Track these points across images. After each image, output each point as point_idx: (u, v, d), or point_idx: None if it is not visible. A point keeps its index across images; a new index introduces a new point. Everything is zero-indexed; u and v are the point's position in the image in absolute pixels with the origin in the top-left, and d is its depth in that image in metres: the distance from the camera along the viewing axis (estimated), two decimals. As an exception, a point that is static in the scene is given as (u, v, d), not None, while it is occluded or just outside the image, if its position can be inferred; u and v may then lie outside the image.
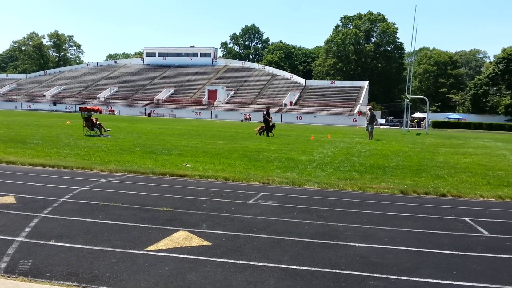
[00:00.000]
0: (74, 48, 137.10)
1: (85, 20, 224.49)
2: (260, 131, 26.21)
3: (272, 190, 8.77)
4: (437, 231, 6.17)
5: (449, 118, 78.23)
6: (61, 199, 7.20)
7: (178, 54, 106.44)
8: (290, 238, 5.52)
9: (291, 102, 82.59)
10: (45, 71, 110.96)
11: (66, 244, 4.96)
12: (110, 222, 5.96)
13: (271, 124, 26.32)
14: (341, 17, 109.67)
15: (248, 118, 73.43)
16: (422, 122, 72.23)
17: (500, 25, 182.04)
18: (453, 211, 7.46)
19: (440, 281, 4.25)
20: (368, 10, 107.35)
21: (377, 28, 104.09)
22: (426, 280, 4.28)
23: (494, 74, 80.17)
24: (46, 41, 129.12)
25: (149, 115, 79.77)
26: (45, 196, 7.41)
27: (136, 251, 4.80)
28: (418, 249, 5.26)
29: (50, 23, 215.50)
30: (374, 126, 28.17)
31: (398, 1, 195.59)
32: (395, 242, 5.54)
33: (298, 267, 4.50)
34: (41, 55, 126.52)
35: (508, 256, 5.15)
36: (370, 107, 31.52)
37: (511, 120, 74.71)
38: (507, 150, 21.93)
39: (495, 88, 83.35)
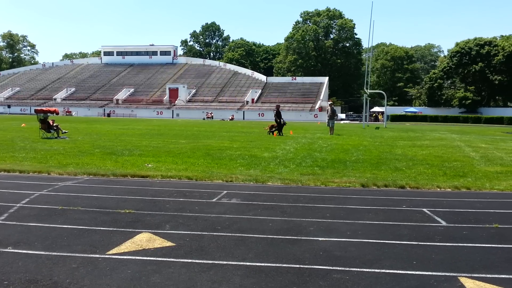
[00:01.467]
0: (29, 48, 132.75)
1: (39, 19, 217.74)
2: (272, 130, 25.61)
3: (235, 188, 8.77)
4: (397, 222, 6.33)
5: (406, 111, 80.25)
6: (18, 205, 6.96)
7: (137, 53, 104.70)
8: (255, 236, 5.54)
9: (253, 99, 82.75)
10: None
11: (24, 251, 4.80)
12: (69, 226, 5.80)
13: (282, 122, 25.76)
14: (300, 13, 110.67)
15: (210, 116, 73.10)
16: (379, 116, 73.82)
17: (453, 20, 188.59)
18: (412, 203, 7.67)
19: (400, 272, 4.37)
20: (326, 6, 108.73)
21: (335, 25, 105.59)
22: (387, 271, 4.38)
23: (448, 68, 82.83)
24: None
25: (109, 115, 78.12)
26: (0, 202, 7.13)
27: (97, 255, 4.69)
28: (379, 241, 5.38)
29: (3, 23, 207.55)
30: (335, 121, 28.58)
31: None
32: (357, 235, 5.65)
33: (262, 264, 4.52)
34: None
35: (465, 244, 5.33)
36: (331, 102, 31.96)
37: (465, 112, 77.42)
38: (462, 141, 22.73)
39: (449, 82, 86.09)
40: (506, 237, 5.65)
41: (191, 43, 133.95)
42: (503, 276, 4.30)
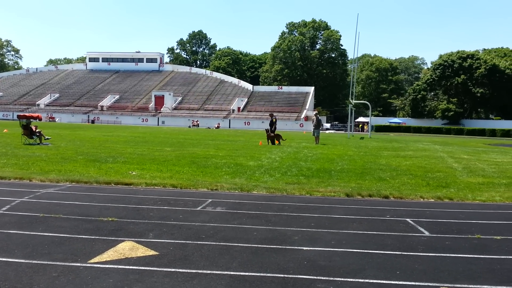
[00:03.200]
0: (12, 53, 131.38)
1: (24, 23, 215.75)
2: (273, 139, 24.83)
3: (220, 197, 8.72)
4: (381, 232, 6.35)
5: (390, 122, 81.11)
6: (-2, 212, 6.83)
7: (123, 60, 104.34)
8: (239, 245, 5.51)
9: (239, 108, 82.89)
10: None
11: (4, 259, 4.70)
12: (50, 234, 5.70)
13: (272, 134, 25.08)
14: (287, 23, 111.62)
15: (196, 124, 72.95)
16: (365, 127, 74.47)
17: (436, 33, 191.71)
18: (396, 212, 7.72)
19: (384, 282, 4.37)
20: (312, 18, 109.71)
21: (321, 35, 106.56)
22: (371, 281, 4.39)
23: (431, 80, 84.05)
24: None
25: (93, 122, 77.50)
26: (-21, 209, 6.99)
27: (79, 264, 4.62)
28: (363, 251, 5.39)
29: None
30: (320, 131, 28.72)
31: (341, 9, 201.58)
32: (342, 244, 5.66)
33: (247, 273, 4.49)
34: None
35: (448, 254, 5.37)
36: (316, 112, 32.13)
37: (448, 123, 78.50)
38: (445, 152, 23.00)
39: (432, 93, 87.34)
40: (488, 248, 5.71)
41: (178, 50, 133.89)
42: (485, 286, 4.34)
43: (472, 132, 69.23)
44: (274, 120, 25.78)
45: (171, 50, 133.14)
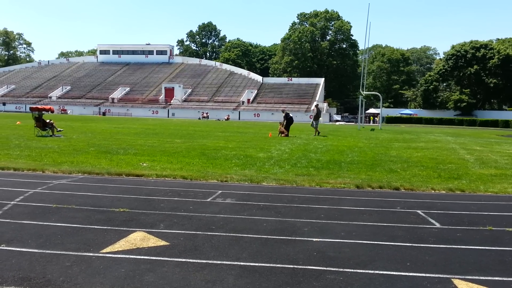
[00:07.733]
0: (24, 46, 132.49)
1: (36, 17, 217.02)
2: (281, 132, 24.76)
3: (230, 188, 8.76)
4: (391, 223, 6.34)
5: (401, 113, 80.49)
6: (12, 202, 6.92)
7: (134, 52, 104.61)
8: (249, 235, 5.53)
9: (248, 100, 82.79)
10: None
11: (18, 249, 4.78)
12: (63, 224, 5.78)
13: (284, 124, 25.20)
14: (297, 14, 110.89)
15: (205, 116, 73.05)
16: (376, 118, 73.99)
17: (449, 23, 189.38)
18: (406, 204, 7.69)
19: (394, 273, 4.37)
20: (325, 8, 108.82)
21: (332, 26, 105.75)
22: (381, 272, 4.39)
23: (444, 70, 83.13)
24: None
25: (104, 114, 77.92)
26: (-7, 199, 7.09)
27: (91, 254, 4.68)
28: (373, 242, 5.39)
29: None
30: (319, 122, 28.48)
31: None
32: (351, 236, 5.66)
33: (256, 264, 4.51)
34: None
35: (459, 246, 5.35)
36: (316, 103, 32.00)
37: (460, 114, 77.71)
38: (457, 144, 22.80)
39: (444, 84, 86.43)
40: (500, 240, 5.67)
41: (188, 42, 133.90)
42: (496, 278, 4.32)
43: (485, 123, 68.51)
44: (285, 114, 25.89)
45: (181, 42, 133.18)
